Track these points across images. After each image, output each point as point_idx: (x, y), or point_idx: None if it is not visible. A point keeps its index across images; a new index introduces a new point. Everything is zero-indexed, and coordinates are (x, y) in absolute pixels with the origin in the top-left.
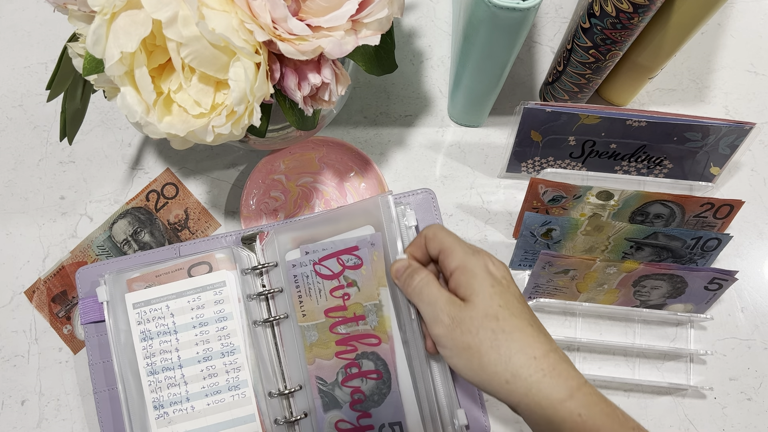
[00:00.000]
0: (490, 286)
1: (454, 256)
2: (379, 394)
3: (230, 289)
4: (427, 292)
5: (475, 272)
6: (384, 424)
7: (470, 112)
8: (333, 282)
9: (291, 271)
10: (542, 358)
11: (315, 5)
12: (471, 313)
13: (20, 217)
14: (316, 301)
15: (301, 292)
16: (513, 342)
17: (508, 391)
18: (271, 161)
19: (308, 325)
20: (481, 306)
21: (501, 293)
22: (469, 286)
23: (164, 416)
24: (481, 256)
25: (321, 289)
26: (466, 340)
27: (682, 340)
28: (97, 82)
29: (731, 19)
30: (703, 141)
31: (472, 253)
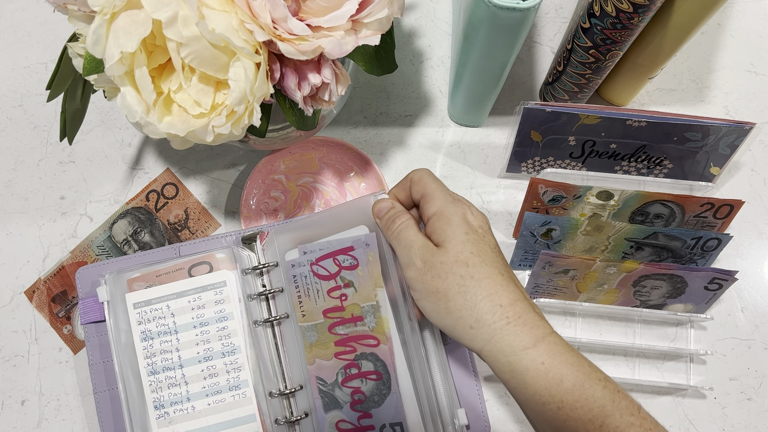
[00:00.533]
0: (464, 233)
1: (433, 202)
2: (379, 394)
3: (231, 289)
4: (405, 235)
5: (450, 219)
6: (385, 424)
7: (470, 112)
8: (330, 282)
9: (290, 271)
10: (508, 306)
11: (315, 5)
12: (442, 258)
13: (20, 217)
14: (315, 301)
15: (300, 293)
16: (480, 288)
17: (472, 337)
18: (271, 161)
19: (308, 325)
20: (452, 251)
21: (475, 241)
22: (443, 232)
23: (165, 416)
24: (461, 204)
25: (319, 290)
26: (435, 284)
27: (682, 340)
28: (97, 82)
29: (731, 19)
30: (703, 141)
31: (451, 201)
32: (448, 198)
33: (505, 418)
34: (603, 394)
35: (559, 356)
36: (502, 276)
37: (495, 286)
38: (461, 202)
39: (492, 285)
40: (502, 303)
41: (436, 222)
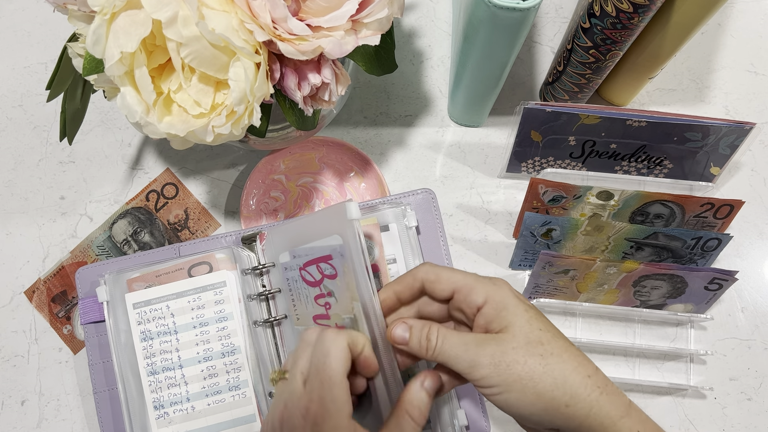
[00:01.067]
0: (524, 311)
1: (476, 292)
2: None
3: (230, 290)
4: (450, 345)
5: (504, 302)
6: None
7: (470, 112)
8: (316, 289)
9: (284, 274)
10: (595, 376)
11: (315, 5)
12: (512, 344)
13: (20, 217)
14: (305, 306)
15: (293, 296)
16: (565, 363)
17: (568, 416)
18: (271, 161)
19: (302, 329)
20: (520, 334)
21: (536, 317)
22: (503, 318)
23: (164, 416)
24: (502, 283)
25: (308, 295)
26: (515, 371)
27: (682, 341)
28: (97, 82)
29: (731, 19)
30: (703, 141)
31: (492, 284)
32: (486, 282)
33: (505, 418)
34: None
35: (647, 423)
36: (573, 345)
37: (576, 358)
38: (497, 280)
39: (573, 357)
40: (589, 373)
41: (490, 311)
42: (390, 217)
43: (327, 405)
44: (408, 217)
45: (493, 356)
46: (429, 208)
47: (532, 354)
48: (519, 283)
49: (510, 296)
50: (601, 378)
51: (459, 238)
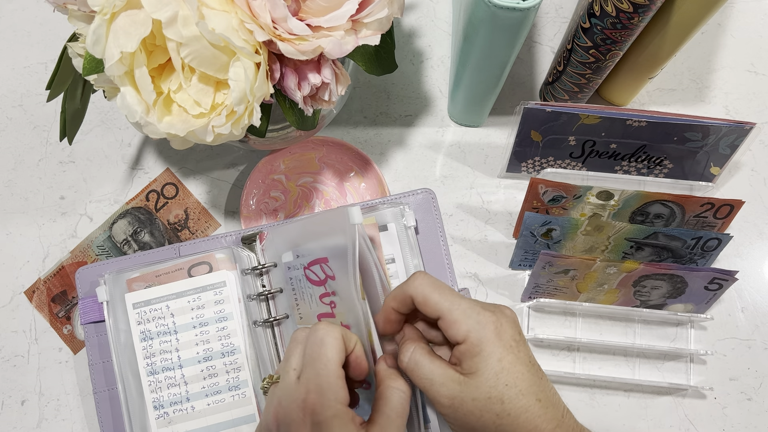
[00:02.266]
0: (497, 361)
1: (457, 327)
2: (369, 402)
3: (230, 290)
4: (420, 370)
5: (481, 347)
6: None
7: (470, 112)
8: (320, 288)
9: (287, 273)
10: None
11: (315, 5)
12: (474, 394)
13: (20, 217)
14: (309, 305)
15: (296, 295)
16: (518, 427)
17: None
18: (271, 161)
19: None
20: (484, 387)
21: (509, 368)
22: (473, 363)
23: (164, 416)
24: (488, 319)
25: (312, 294)
26: (469, 422)
27: (682, 340)
28: (97, 82)
29: (731, 19)
30: (704, 141)
31: (477, 321)
32: (471, 314)
33: None
34: None
35: None
36: (540, 403)
37: (534, 420)
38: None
39: (530, 419)
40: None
41: (465, 350)
42: (389, 216)
43: (325, 393)
44: (407, 217)
45: (453, 400)
46: (429, 208)
47: (489, 411)
48: (519, 283)
49: (489, 340)
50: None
51: (459, 238)
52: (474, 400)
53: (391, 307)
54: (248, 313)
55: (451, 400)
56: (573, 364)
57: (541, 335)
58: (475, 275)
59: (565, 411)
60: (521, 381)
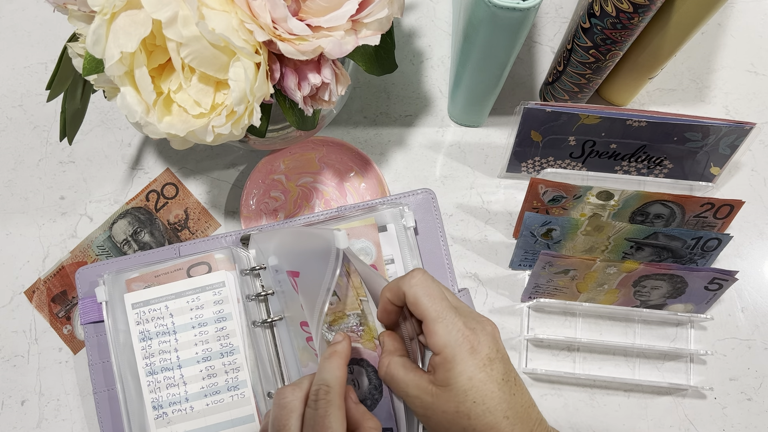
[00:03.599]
0: (468, 379)
1: (435, 337)
2: (372, 399)
3: (229, 290)
4: (395, 383)
5: (454, 362)
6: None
7: (470, 112)
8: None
9: (275, 276)
10: None
11: (315, 5)
12: (443, 407)
13: (20, 217)
14: (294, 310)
15: (286, 298)
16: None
17: None
18: (271, 161)
19: (294, 330)
20: (453, 401)
21: (478, 386)
22: (446, 375)
23: (163, 416)
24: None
25: (295, 300)
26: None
27: (682, 341)
28: (97, 82)
29: (731, 19)
30: (704, 141)
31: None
32: (452, 330)
33: None
34: None
35: None
36: (507, 420)
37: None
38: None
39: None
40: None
41: (439, 360)
42: (388, 217)
43: None
44: (406, 218)
45: (426, 410)
46: (429, 208)
47: (457, 424)
48: (519, 283)
49: (462, 359)
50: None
51: (459, 238)
52: (444, 412)
53: (386, 297)
54: (247, 313)
55: (424, 410)
56: (573, 364)
57: (541, 335)
58: (475, 275)
59: (536, 424)
60: (489, 399)
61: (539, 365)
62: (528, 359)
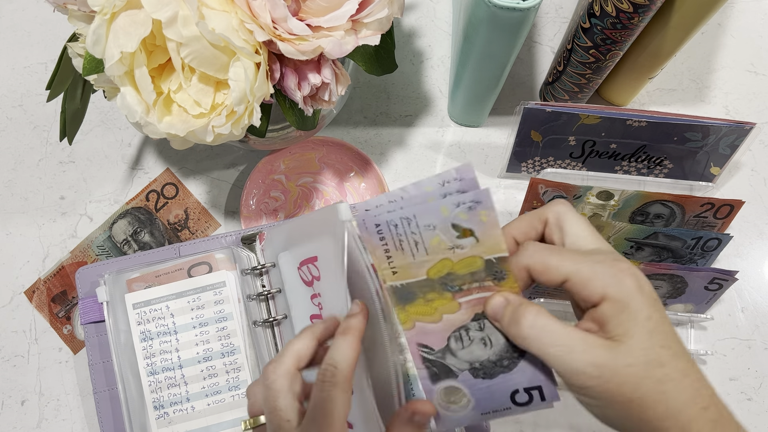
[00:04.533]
0: (646, 319)
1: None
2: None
3: (230, 290)
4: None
5: (626, 302)
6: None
7: (470, 112)
8: (310, 289)
9: (284, 273)
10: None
11: (315, 5)
12: (628, 360)
13: (20, 217)
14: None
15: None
16: (682, 392)
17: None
18: (271, 161)
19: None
20: (639, 350)
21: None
22: (621, 324)
23: (164, 416)
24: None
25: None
26: (624, 392)
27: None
28: (97, 82)
29: (731, 19)
30: (704, 141)
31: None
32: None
33: (505, 418)
34: None
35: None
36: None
37: (694, 384)
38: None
39: (691, 384)
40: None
41: (607, 311)
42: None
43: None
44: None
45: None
46: None
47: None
48: None
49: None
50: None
51: None
52: (629, 366)
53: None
54: (248, 313)
55: (600, 370)
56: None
57: None
58: None
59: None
60: (673, 341)
61: None
62: None
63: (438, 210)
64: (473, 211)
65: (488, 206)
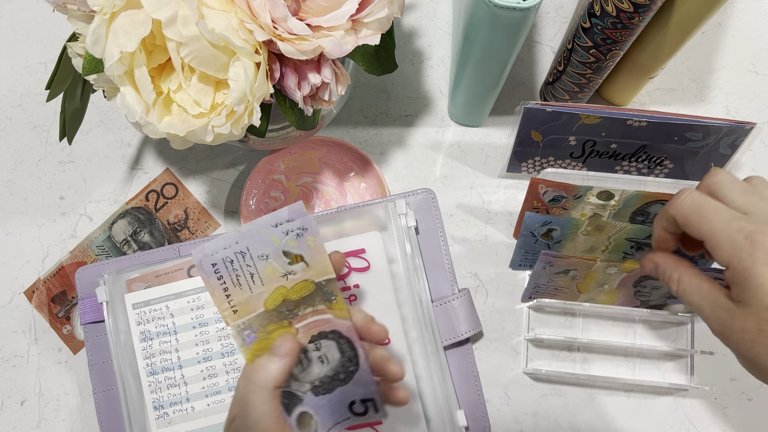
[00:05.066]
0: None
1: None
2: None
3: None
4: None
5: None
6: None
7: (470, 111)
8: None
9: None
10: None
11: (315, 5)
12: (742, 325)
13: (20, 217)
14: None
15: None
16: None
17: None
18: (271, 161)
19: None
20: (752, 319)
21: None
22: (739, 292)
23: (164, 417)
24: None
25: None
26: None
27: (682, 341)
28: (97, 82)
29: (732, 19)
30: (704, 141)
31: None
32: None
33: (505, 418)
34: None
35: None
36: None
37: None
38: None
39: None
40: None
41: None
42: (381, 213)
43: None
44: (407, 217)
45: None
46: (429, 208)
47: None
48: (519, 283)
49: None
50: None
51: (459, 238)
52: (744, 331)
53: (661, 226)
54: None
55: (722, 326)
56: (573, 364)
57: (542, 335)
58: (475, 275)
59: None
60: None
61: (540, 365)
62: (528, 359)
63: (270, 240)
64: (301, 237)
65: (314, 232)
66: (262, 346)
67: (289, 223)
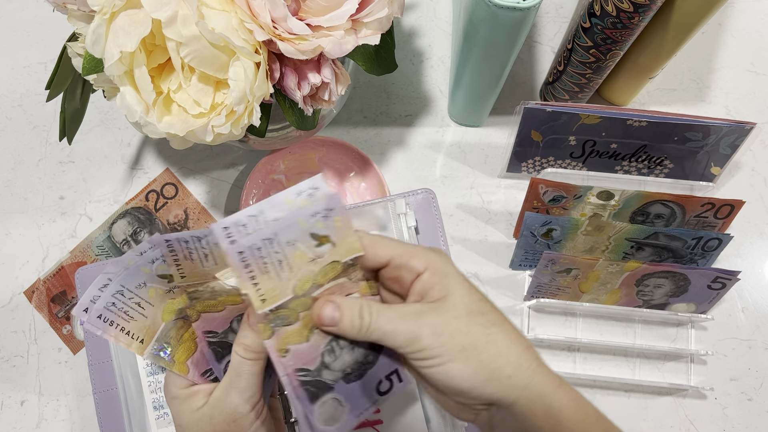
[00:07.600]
0: (463, 281)
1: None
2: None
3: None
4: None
5: (446, 270)
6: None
7: (470, 111)
8: None
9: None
10: (531, 348)
11: (315, 5)
12: (454, 313)
13: (20, 217)
14: None
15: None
16: (506, 333)
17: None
18: (271, 161)
19: None
20: (461, 304)
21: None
22: (443, 285)
23: (164, 416)
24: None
25: None
26: (458, 341)
27: (682, 341)
28: (97, 82)
29: (732, 19)
30: (704, 141)
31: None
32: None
33: None
34: None
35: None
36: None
37: (514, 330)
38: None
39: (511, 329)
40: (527, 345)
41: (431, 277)
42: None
43: None
44: (407, 217)
45: (435, 326)
46: (429, 208)
47: (475, 323)
48: (519, 283)
49: (450, 265)
50: (535, 351)
51: (459, 238)
52: (456, 318)
53: None
54: None
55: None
56: (573, 364)
57: (542, 335)
58: (475, 275)
59: None
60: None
61: None
62: None
63: (296, 224)
64: (328, 219)
65: (341, 212)
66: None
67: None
